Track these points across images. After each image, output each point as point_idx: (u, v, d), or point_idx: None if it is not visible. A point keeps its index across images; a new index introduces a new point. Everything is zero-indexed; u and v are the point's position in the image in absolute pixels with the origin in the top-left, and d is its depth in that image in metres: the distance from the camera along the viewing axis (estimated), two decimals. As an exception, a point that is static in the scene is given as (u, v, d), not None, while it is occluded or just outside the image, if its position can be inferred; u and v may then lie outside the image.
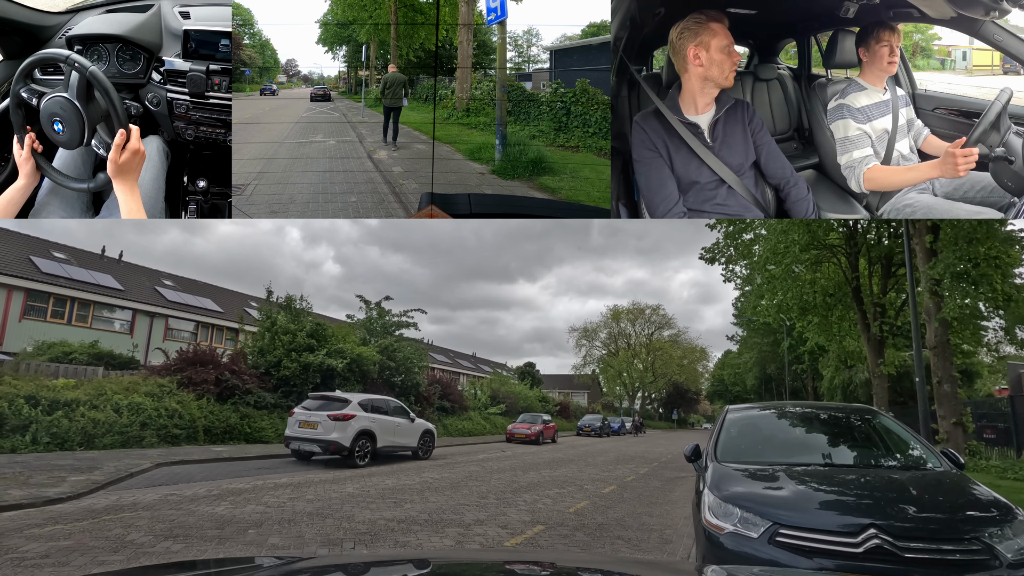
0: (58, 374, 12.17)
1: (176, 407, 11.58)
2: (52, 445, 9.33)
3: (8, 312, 18.77)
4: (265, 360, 14.75)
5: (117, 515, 5.38)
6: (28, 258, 20.20)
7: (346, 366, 15.29)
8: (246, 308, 23.35)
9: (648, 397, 68.79)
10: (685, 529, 5.98)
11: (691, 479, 10.77)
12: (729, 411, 4.54)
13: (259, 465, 9.86)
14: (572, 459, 14.87)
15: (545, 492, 8.29)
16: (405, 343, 18.60)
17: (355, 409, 10.78)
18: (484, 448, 17.61)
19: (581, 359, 62.36)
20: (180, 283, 25.97)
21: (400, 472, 9.98)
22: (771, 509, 2.89)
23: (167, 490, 6.95)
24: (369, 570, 1.53)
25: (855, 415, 4.36)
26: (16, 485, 6.26)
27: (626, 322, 66.29)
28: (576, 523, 6.10)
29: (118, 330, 21.49)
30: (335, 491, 7.45)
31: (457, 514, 6.28)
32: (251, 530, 5.06)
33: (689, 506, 7.52)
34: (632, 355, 63.19)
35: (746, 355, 44.94)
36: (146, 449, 10.31)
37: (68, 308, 20.30)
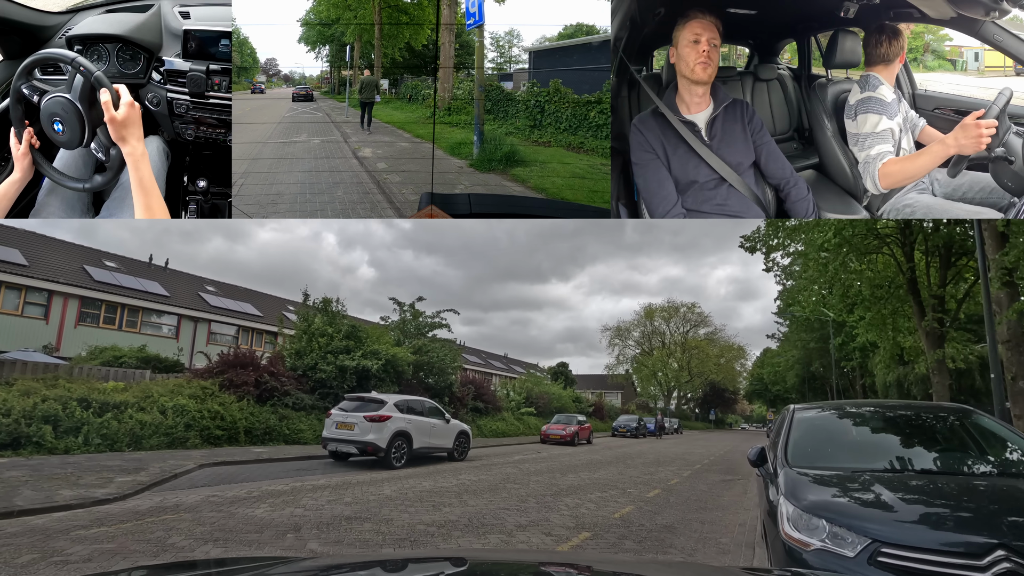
0: (108, 377, 12.62)
1: (218, 409, 11.83)
2: (103, 446, 9.63)
3: (64, 319, 19.71)
4: (302, 362, 14.96)
5: (159, 517, 5.42)
6: (82, 267, 21.18)
7: (381, 367, 15.36)
8: (284, 312, 23.86)
9: (684, 397, 67.20)
10: (742, 537, 5.63)
11: (739, 483, 10.30)
12: (796, 411, 4.16)
13: (298, 466, 9.94)
14: (610, 461, 14.50)
15: (587, 496, 8.01)
16: (438, 344, 18.59)
17: (391, 410, 10.75)
18: (519, 449, 17.42)
19: (614, 359, 61.52)
20: (222, 288, 26.80)
21: (437, 474, 9.88)
22: (868, 524, 2.54)
23: (209, 491, 7.02)
24: (407, 566, 1.55)
25: (946, 415, 3.93)
26: (67, 485, 6.41)
27: (660, 320, 64.96)
28: (623, 529, 5.83)
29: (165, 335, 22.31)
30: (373, 493, 7.38)
31: (498, 519, 6.09)
32: (289, 534, 5.00)
33: (742, 512, 7.12)
34: (667, 354, 61.89)
35: (788, 352, 43.24)
36: (190, 450, 10.55)
37: (119, 314, 21.19)
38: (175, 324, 22.84)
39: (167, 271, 25.12)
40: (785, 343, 43.92)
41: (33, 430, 8.84)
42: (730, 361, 65.20)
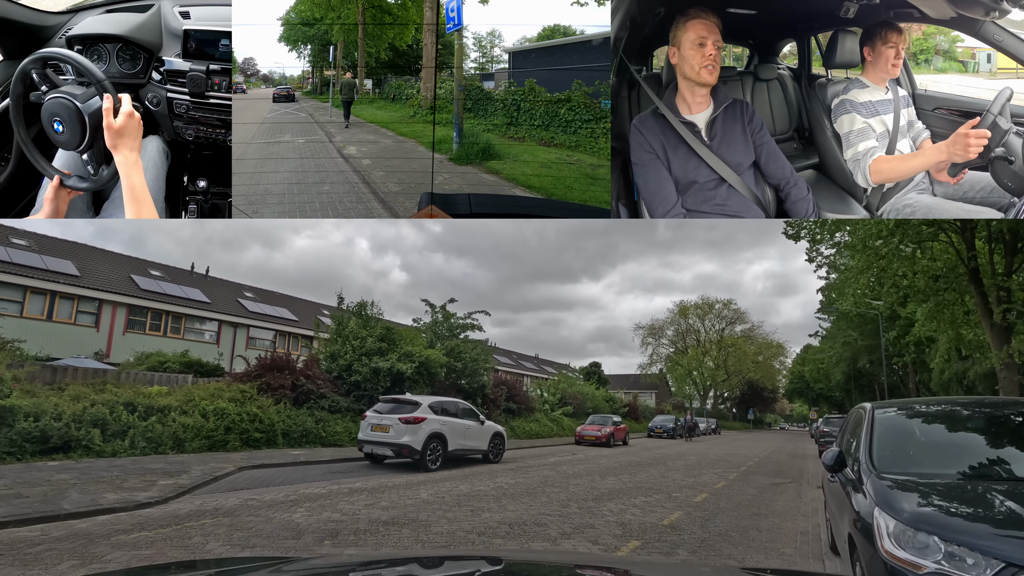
0: (153, 382, 12.98)
1: (256, 412, 12.01)
2: (147, 449, 9.86)
3: (113, 326, 20.51)
4: (337, 365, 15.08)
5: (198, 521, 5.44)
6: (129, 276, 22.01)
7: (415, 369, 15.33)
8: (319, 316, 24.26)
9: (721, 396, 65.41)
10: (807, 547, 5.24)
11: (790, 486, 9.74)
12: (876, 410, 3.76)
13: (333, 469, 9.96)
14: (650, 463, 14.07)
15: (631, 500, 7.70)
16: (470, 345, 18.49)
17: (425, 412, 10.65)
18: (554, 450, 17.16)
19: (648, 358, 60.37)
20: (259, 295, 27.48)
21: (473, 476, 9.72)
22: (998, 544, 2.19)
23: (247, 494, 7.03)
24: (443, 563, 1.56)
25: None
26: (112, 489, 6.51)
27: (695, 318, 63.47)
28: (674, 537, 5.51)
29: (207, 340, 22.97)
30: (409, 497, 7.26)
31: (540, 525, 5.88)
32: (327, 540, 4.91)
33: (800, 519, 6.66)
34: (702, 352, 60.40)
35: (832, 349, 41.42)
36: (230, 452, 10.71)
37: (163, 321, 21.94)
38: (216, 330, 23.50)
39: (208, 278, 25.90)
40: (828, 339, 42.09)
41: (83, 433, 9.11)
42: (769, 359, 63.12)
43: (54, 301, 18.93)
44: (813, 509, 7.53)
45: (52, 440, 8.72)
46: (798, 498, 8.56)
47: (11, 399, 8.52)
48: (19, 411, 8.53)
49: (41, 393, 9.68)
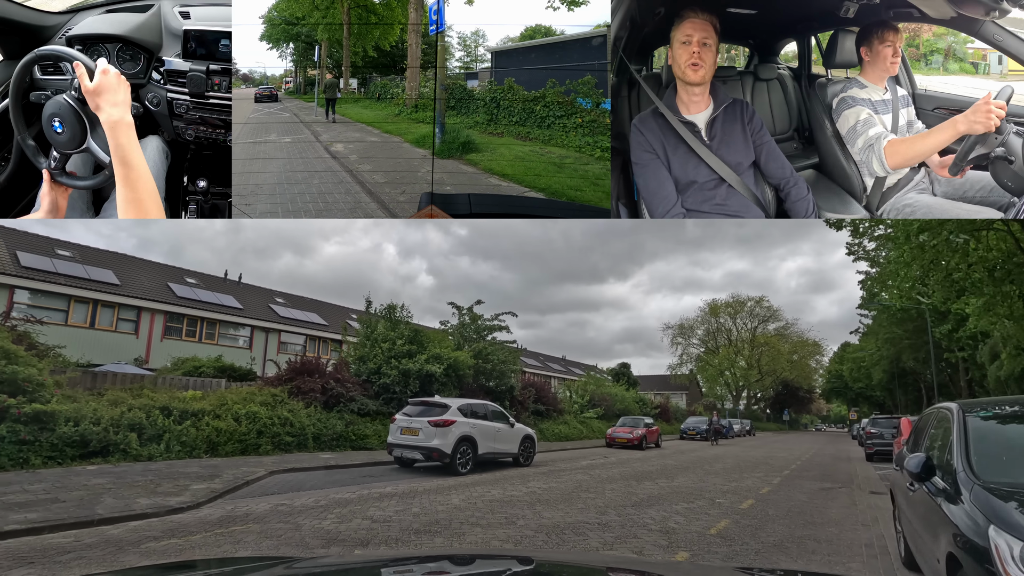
0: (188, 386, 13.19)
1: (287, 415, 12.07)
2: (182, 452, 9.97)
3: (152, 333, 21.08)
4: (366, 367, 15.07)
5: (228, 528, 5.36)
6: (166, 284, 22.62)
7: (443, 371, 15.22)
8: (348, 320, 24.48)
9: (754, 397, 63.60)
10: (875, 562, 4.85)
11: (841, 492, 9.17)
12: (965, 412, 3.36)
13: (364, 473, 9.89)
14: (686, 466, 13.58)
15: (672, 507, 7.33)
16: (498, 346, 18.29)
17: (455, 415, 10.48)
18: (585, 453, 16.82)
19: (677, 358, 59.12)
20: (290, 300, 27.95)
21: (504, 481, 9.49)
22: None
23: (278, 499, 6.97)
24: (474, 561, 1.58)
25: None
26: (145, 494, 6.52)
27: (726, 316, 61.92)
28: (725, 548, 5.16)
29: (240, 346, 23.42)
30: (441, 503, 7.07)
31: (579, 534, 5.61)
32: (358, 550, 4.75)
33: (860, 529, 6.18)
34: (734, 352, 58.85)
35: (873, 346, 39.68)
36: (262, 456, 10.75)
37: (199, 327, 22.45)
38: (248, 335, 23.95)
39: (240, 285, 26.45)
40: (869, 336, 40.34)
41: (120, 438, 9.26)
42: (804, 357, 61.11)
43: (96, 309, 19.56)
44: (873, 518, 7.03)
45: (91, 444, 8.88)
46: (853, 505, 8.02)
47: (51, 404, 8.70)
48: (60, 416, 8.70)
49: (81, 398, 9.89)
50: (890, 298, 17.85)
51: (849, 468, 14.65)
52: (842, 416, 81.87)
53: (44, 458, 8.29)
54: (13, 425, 8.10)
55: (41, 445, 8.34)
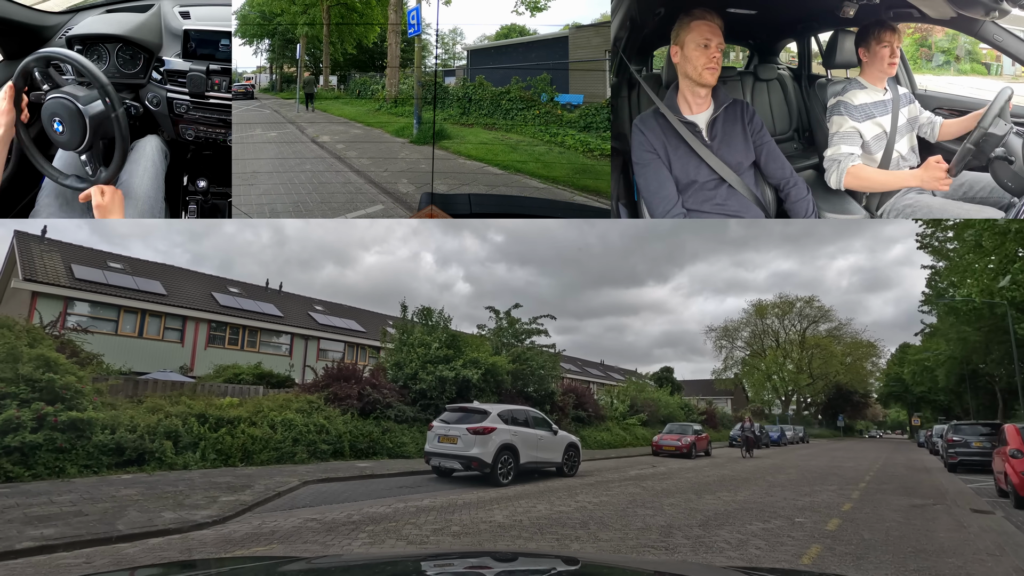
0: (227, 393, 13.10)
1: (323, 423, 11.81)
2: (217, 461, 9.78)
3: (196, 341, 21.46)
4: (403, 373, 14.71)
5: (250, 549, 4.90)
6: (209, 294, 23.07)
7: (480, 377, 14.68)
8: (386, 327, 24.39)
9: (804, 402, 60.41)
10: None
11: (938, 510, 8.04)
12: None
13: (400, 483, 9.45)
14: (746, 478, 12.52)
15: (745, 528, 6.46)
16: (536, 351, 17.66)
17: (495, 421, 9.88)
18: (631, 462, 15.96)
19: (721, 362, 56.84)
20: (329, 308, 28.18)
21: (550, 494, 8.80)
22: None
23: (308, 513, 6.56)
24: (517, 559, 1.66)
25: None
26: (171, 507, 6.23)
27: (773, 318, 59.22)
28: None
29: (281, 353, 23.62)
30: (483, 520, 6.47)
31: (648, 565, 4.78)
32: None
33: (988, 559, 5.24)
34: (782, 355, 56.12)
35: (938, 347, 36.76)
36: (297, 465, 10.45)
37: (241, 335, 22.75)
38: (288, 343, 24.14)
39: (281, 294, 26.84)
40: (933, 336, 37.43)
41: (156, 446, 9.12)
42: (859, 360, 57.72)
43: (144, 319, 20.04)
44: (997, 545, 5.97)
45: (127, 452, 8.76)
46: (961, 527, 6.92)
47: (88, 412, 8.59)
48: (96, 424, 8.60)
49: (121, 406, 9.82)
50: (970, 293, 16.18)
51: (932, 480, 13.26)
52: (900, 422, 77.00)
53: (80, 467, 8.22)
54: (50, 433, 8.04)
55: (77, 453, 8.26)
